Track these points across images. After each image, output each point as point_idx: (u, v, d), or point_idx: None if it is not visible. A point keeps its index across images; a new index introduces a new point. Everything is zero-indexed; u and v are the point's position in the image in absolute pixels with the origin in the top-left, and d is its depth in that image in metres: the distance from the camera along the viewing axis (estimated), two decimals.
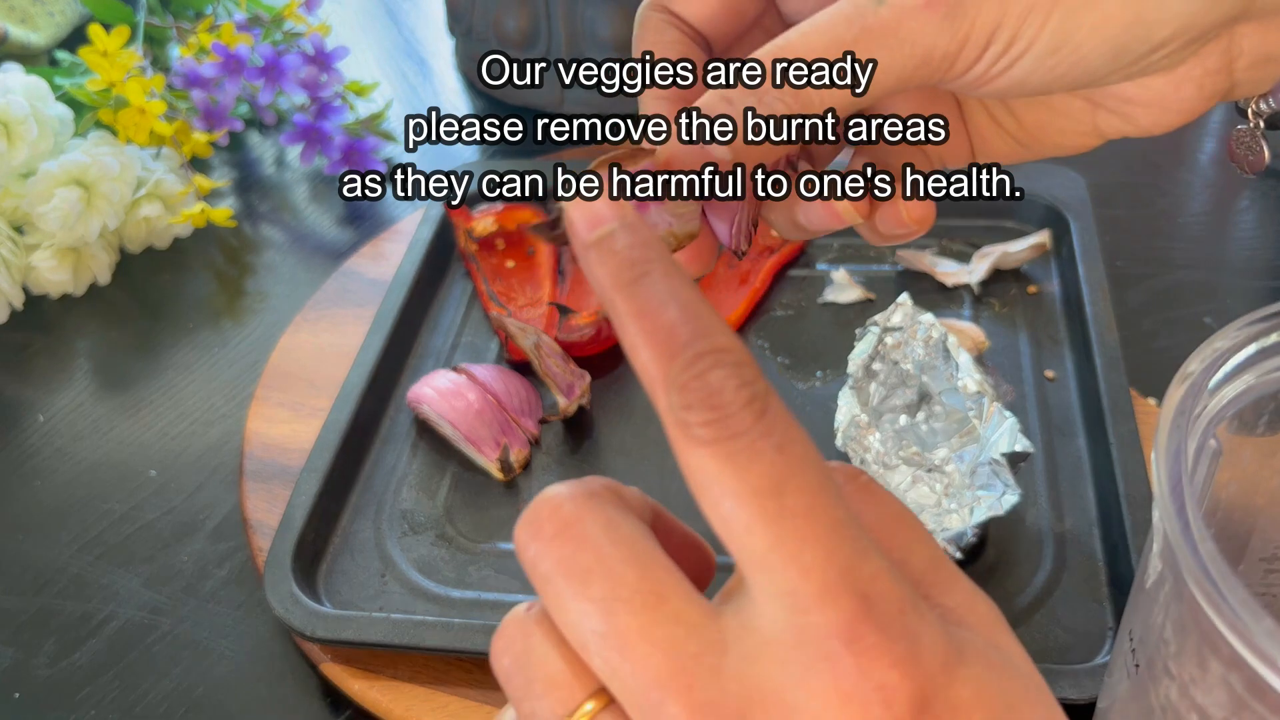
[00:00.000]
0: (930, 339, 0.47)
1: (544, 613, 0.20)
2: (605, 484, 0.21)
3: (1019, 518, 0.45)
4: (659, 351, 0.18)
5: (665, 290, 0.18)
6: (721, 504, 0.17)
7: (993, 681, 0.18)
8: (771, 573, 0.17)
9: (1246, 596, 0.21)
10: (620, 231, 0.19)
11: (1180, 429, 0.25)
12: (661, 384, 0.18)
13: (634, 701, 0.18)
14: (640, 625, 0.18)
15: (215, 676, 0.44)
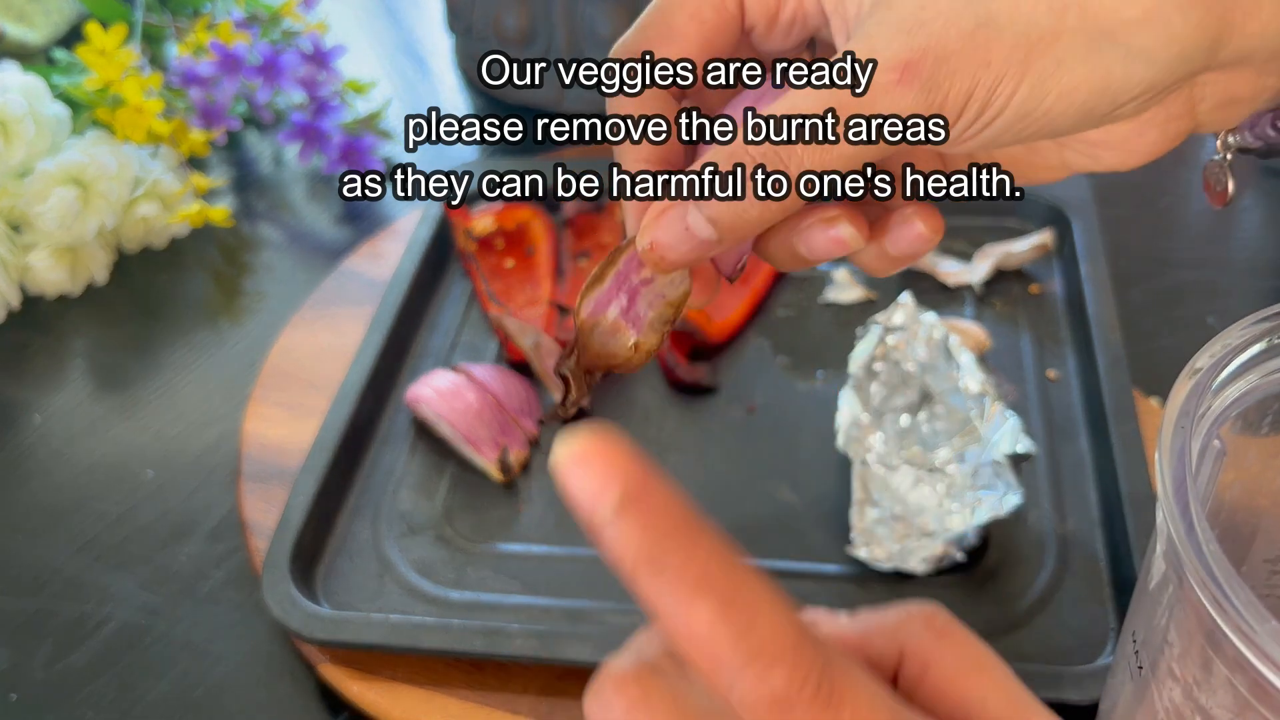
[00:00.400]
0: (932, 339, 0.47)
1: None
2: (664, 653, 0.20)
3: (1021, 519, 0.44)
4: (707, 666, 0.18)
5: (691, 584, 0.17)
6: None
7: None
8: None
9: (1250, 598, 0.21)
10: (622, 518, 0.17)
11: (1184, 429, 0.25)
12: (722, 687, 0.18)
13: None
14: None
15: (213, 678, 0.44)
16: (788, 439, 0.49)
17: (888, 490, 0.45)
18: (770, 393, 0.52)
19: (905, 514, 0.44)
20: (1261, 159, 0.27)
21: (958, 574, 0.43)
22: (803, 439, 0.49)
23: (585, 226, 0.60)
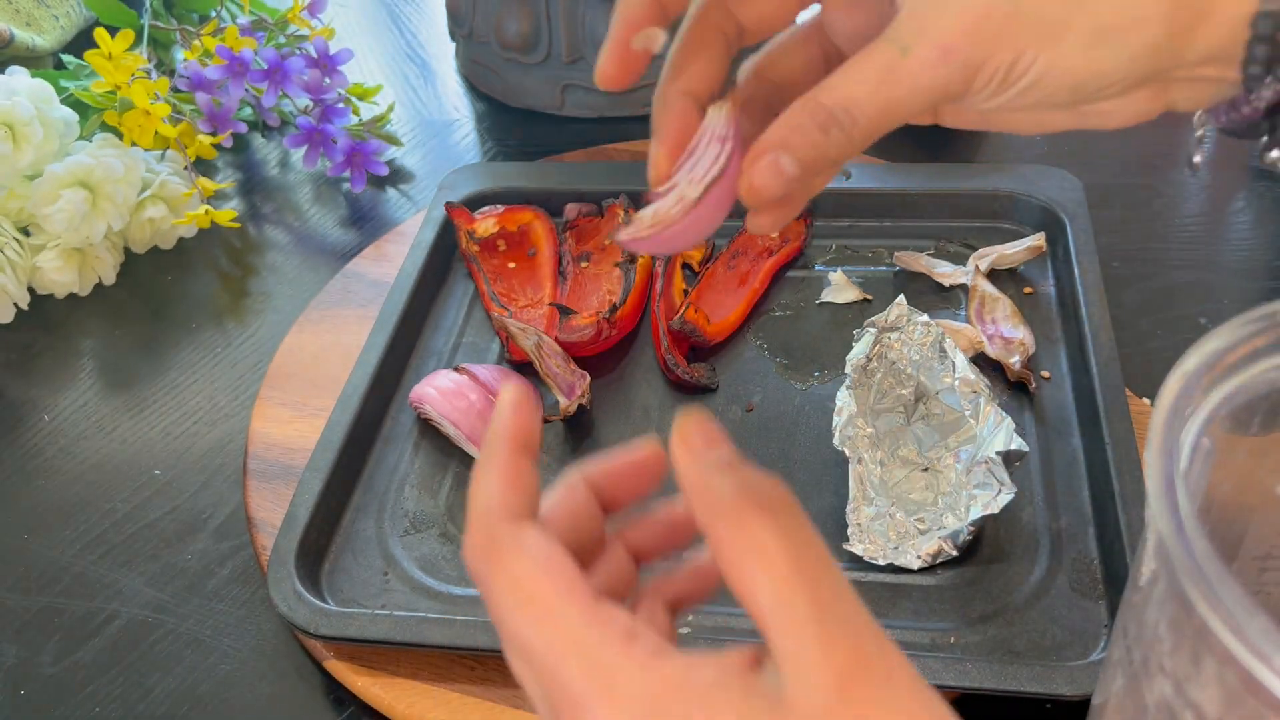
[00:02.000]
0: (927, 339, 0.48)
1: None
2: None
3: (1014, 516, 0.45)
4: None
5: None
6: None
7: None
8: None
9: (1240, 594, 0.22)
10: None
11: (1174, 428, 0.26)
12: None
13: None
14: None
15: (219, 674, 0.44)
16: (785, 437, 0.50)
17: (883, 488, 0.45)
18: (768, 392, 0.52)
19: (900, 511, 0.45)
20: (1239, 138, 0.32)
21: (952, 570, 0.43)
22: (800, 437, 0.49)
23: (587, 229, 0.61)
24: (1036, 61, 0.29)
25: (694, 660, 0.23)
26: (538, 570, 0.24)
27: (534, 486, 0.26)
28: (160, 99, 0.65)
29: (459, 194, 0.63)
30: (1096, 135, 0.68)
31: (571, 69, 0.72)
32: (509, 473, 0.25)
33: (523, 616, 0.24)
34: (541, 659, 0.24)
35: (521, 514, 0.25)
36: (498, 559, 0.24)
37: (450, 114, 0.77)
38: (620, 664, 0.23)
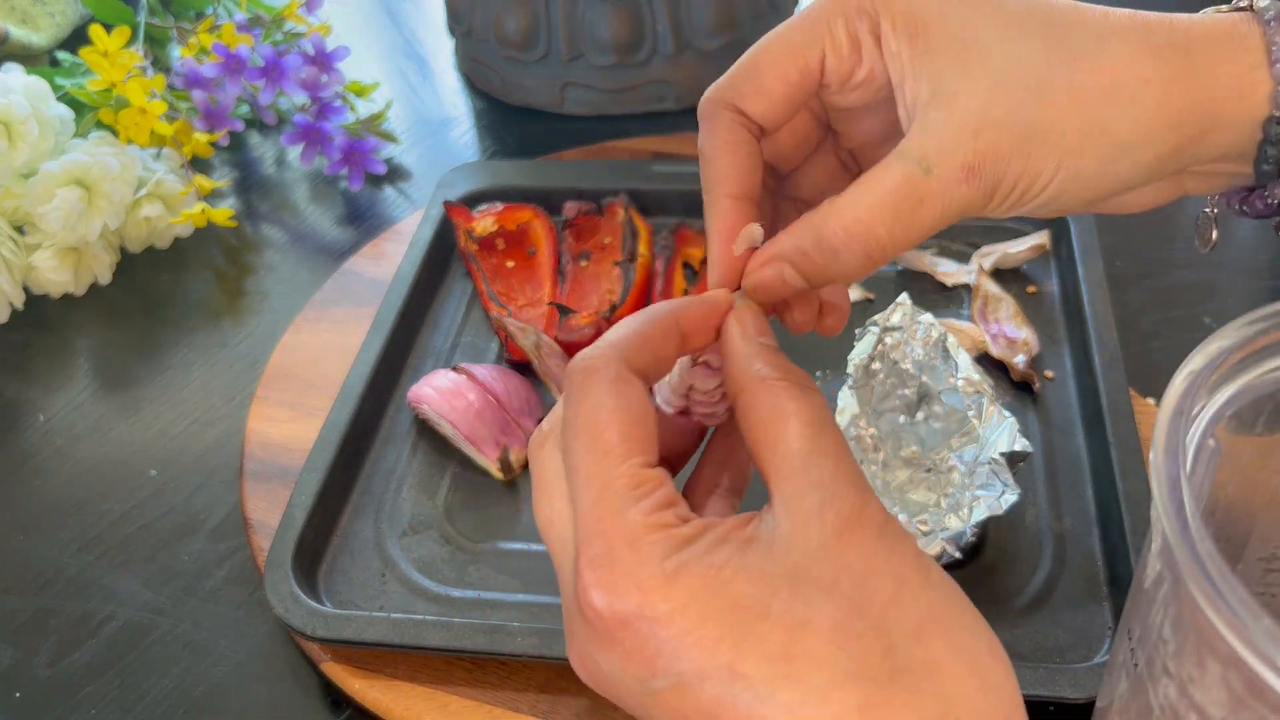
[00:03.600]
0: (930, 339, 0.47)
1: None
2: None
3: (1018, 517, 0.45)
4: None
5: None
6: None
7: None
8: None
9: (1245, 595, 0.22)
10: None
11: (1178, 428, 0.25)
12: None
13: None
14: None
15: (215, 676, 0.44)
16: None
17: (886, 489, 0.45)
18: None
19: (903, 512, 0.44)
20: (1254, 219, 0.33)
21: (955, 572, 0.43)
22: None
23: (586, 227, 0.60)
24: (1057, 176, 0.29)
25: (705, 524, 0.26)
26: (620, 418, 0.26)
27: (662, 363, 0.29)
28: (156, 96, 0.65)
29: (457, 192, 0.62)
30: None
31: (570, 67, 0.72)
32: (657, 336, 0.28)
33: (588, 451, 0.26)
34: (583, 492, 0.26)
35: (638, 368, 0.28)
36: (597, 389, 0.26)
37: (449, 112, 0.77)
38: (648, 525, 0.25)
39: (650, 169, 0.63)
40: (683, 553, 0.25)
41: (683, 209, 0.62)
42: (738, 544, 0.25)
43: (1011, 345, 0.51)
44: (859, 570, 0.24)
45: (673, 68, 0.72)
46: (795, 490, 0.26)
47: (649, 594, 0.24)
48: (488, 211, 0.60)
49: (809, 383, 0.28)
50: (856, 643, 0.24)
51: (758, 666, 0.23)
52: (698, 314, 0.30)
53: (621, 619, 0.24)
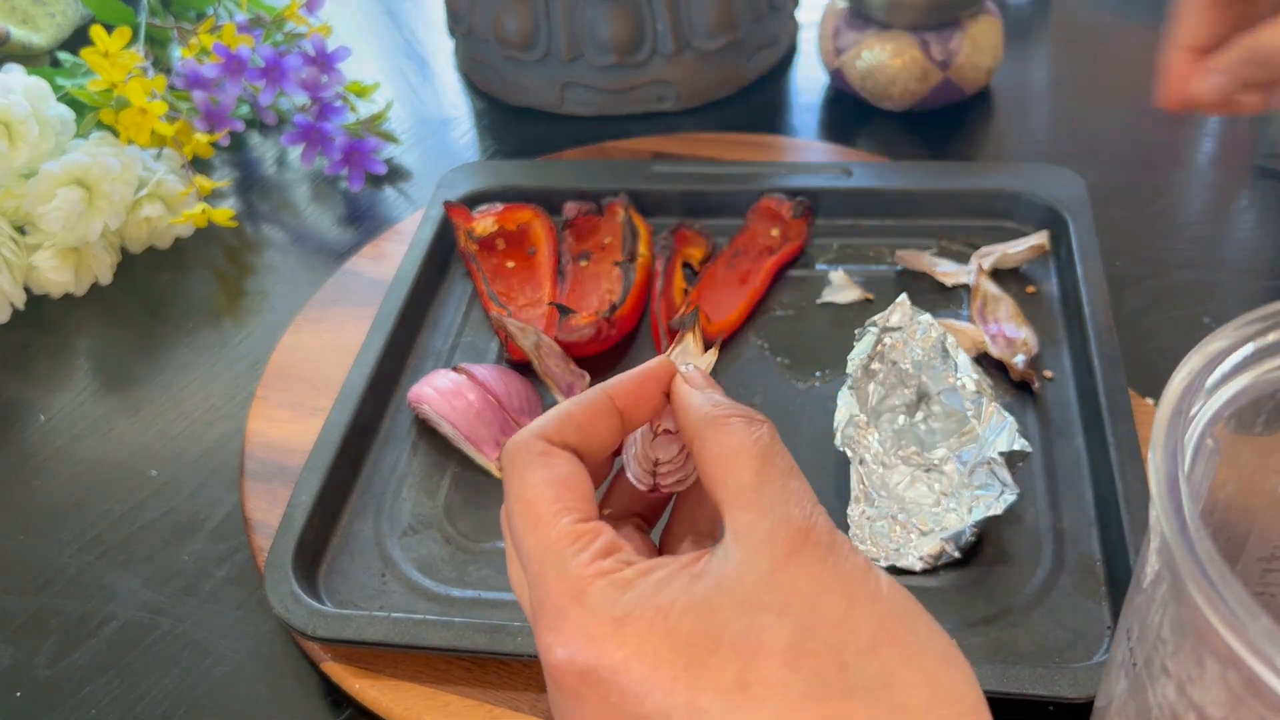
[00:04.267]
0: (929, 339, 0.48)
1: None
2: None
3: (1017, 517, 0.45)
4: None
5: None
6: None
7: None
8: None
9: (1243, 595, 0.22)
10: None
11: (1177, 428, 0.25)
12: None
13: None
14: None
15: (215, 676, 0.44)
16: (786, 437, 0.48)
17: (885, 488, 0.45)
18: (769, 392, 0.52)
19: (902, 512, 0.44)
20: None
21: (954, 571, 0.43)
22: (801, 438, 0.49)
23: (586, 228, 0.60)
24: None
25: (651, 565, 0.26)
26: (547, 485, 0.28)
27: (597, 436, 0.30)
28: (157, 97, 0.65)
29: (457, 192, 0.62)
30: (1099, 134, 0.68)
31: (570, 67, 0.72)
32: (584, 413, 0.30)
33: (522, 521, 0.27)
34: (528, 561, 0.27)
35: (563, 442, 0.29)
36: (523, 467, 0.28)
37: (449, 112, 0.77)
38: (589, 576, 0.26)
39: (650, 169, 0.63)
40: (628, 595, 0.25)
41: (683, 209, 0.62)
42: (686, 580, 0.25)
43: (1011, 345, 0.51)
44: (809, 591, 0.25)
45: (673, 68, 0.72)
46: (746, 520, 0.26)
47: (602, 643, 0.25)
48: (488, 212, 0.60)
49: (756, 415, 0.29)
50: (810, 663, 0.24)
51: (714, 699, 0.24)
52: (631, 385, 0.31)
53: (581, 672, 0.25)
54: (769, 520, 0.26)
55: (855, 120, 0.71)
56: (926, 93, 0.69)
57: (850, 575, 0.26)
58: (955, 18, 0.67)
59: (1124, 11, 0.80)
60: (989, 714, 0.25)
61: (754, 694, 0.24)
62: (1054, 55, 0.77)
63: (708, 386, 0.30)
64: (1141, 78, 0.73)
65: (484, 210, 0.60)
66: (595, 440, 0.30)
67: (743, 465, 0.27)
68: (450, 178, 0.64)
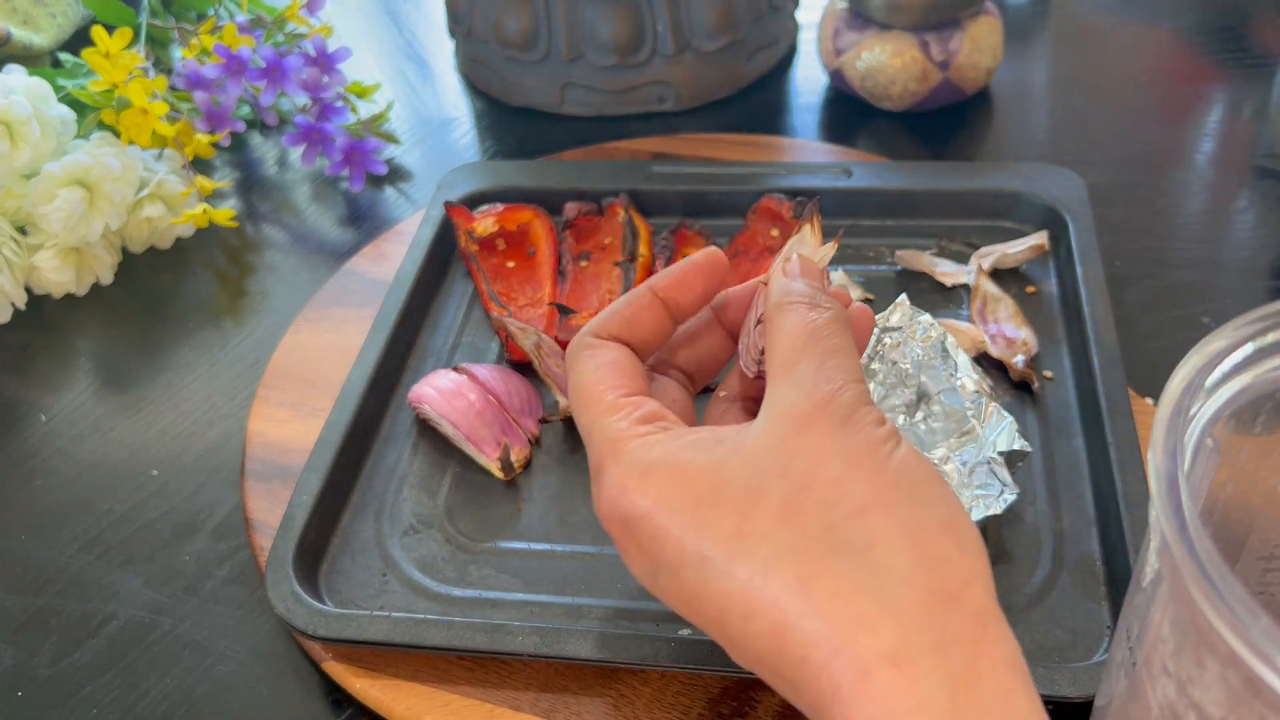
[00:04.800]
0: (929, 339, 0.48)
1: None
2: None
3: (1017, 516, 0.45)
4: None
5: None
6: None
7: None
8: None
9: (1243, 594, 0.22)
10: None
11: (1177, 428, 0.25)
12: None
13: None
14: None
15: (216, 676, 0.44)
16: None
17: None
18: None
19: None
20: None
21: None
22: None
23: (586, 228, 0.60)
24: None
25: (685, 430, 0.29)
26: (593, 370, 0.32)
27: (642, 327, 0.33)
28: (158, 97, 0.65)
29: (458, 193, 0.63)
30: (1099, 134, 0.68)
31: (571, 67, 0.72)
32: (629, 309, 0.33)
33: (576, 403, 0.31)
34: (585, 436, 0.31)
35: (610, 335, 0.33)
36: (575, 360, 0.32)
37: (449, 112, 0.77)
38: (625, 437, 0.29)
39: (650, 169, 0.63)
40: (654, 453, 0.28)
41: (683, 209, 0.62)
42: (710, 443, 0.28)
43: (1010, 345, 0.51)
44: (812, 455, 0.27)
45: (673, 68, 0.72)
46: (776, 393, 0.28)
47: (630, 494, 0.28)
48: (488, 212, 0.60)
49: (823, 301, 0.31)
50: (799, 519, 0.26)
51: (716, 547, 0.26)
52: (672, 276, 0.33)
53: (619, 520, 0.28)
54: (795, 393, 0.28)
55: (855, 120, 0.71)
56: (926, 93, 0.69)
57: (858, 444, 0.27)
58: (955, 18, 0.67)
59: (1124, 11, 0.80)
60: (987, 585, 0.26)
61: (748, 544, 0.26)
62: (1054, 55, 0.77)
63: (804, 276, 0.32)
64: (1141, 78, 0.73)
65: (484, 210, 0.60)
66: (642, 330, 0.33)
67: (788, 345, 0.29)
68: (451, 178, 0.64)
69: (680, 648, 0.40)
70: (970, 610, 0.25)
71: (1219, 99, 0.71)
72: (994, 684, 0.24)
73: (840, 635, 0.24)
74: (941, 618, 0.25)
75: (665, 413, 0.30)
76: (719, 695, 0.41)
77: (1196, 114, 0.69)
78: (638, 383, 0.31)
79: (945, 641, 0.24)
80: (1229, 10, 0.79)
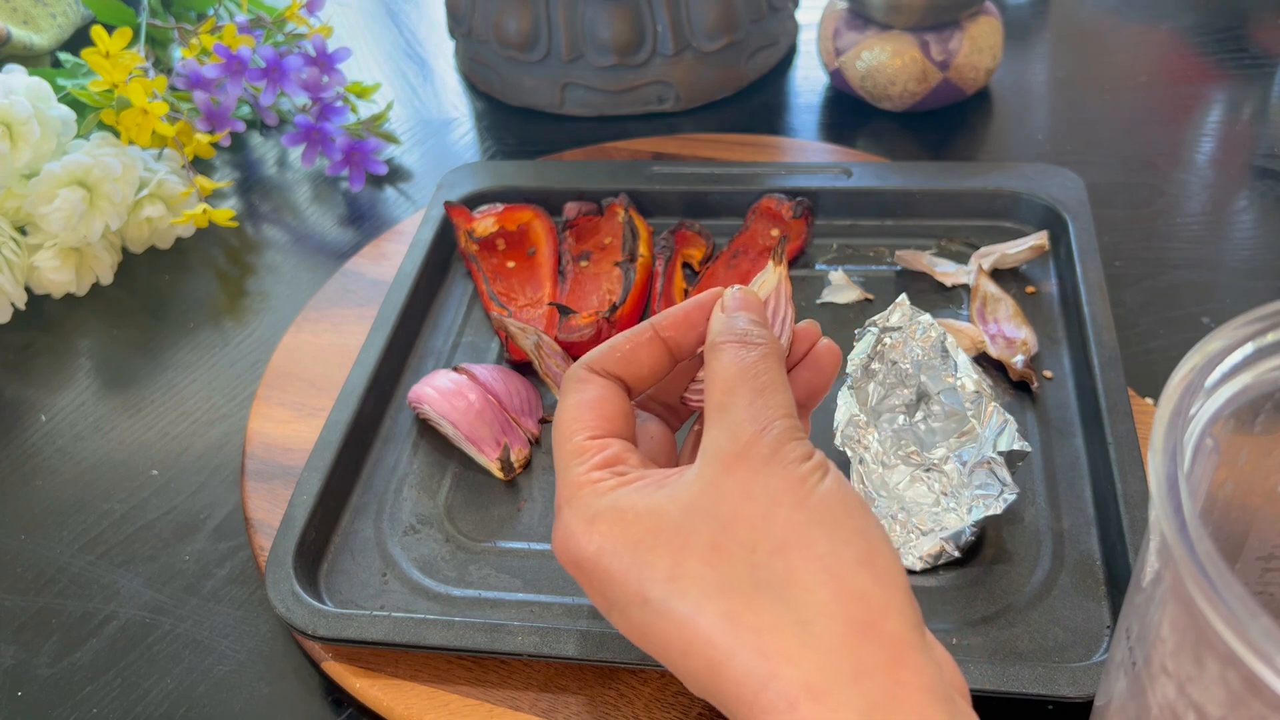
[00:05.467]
0: (929, 339, 0.48)
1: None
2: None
3: (1017, 516, 0.45)
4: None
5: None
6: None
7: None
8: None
9: (1243, 594, 0.22)
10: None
11: (1176, 428, 0.25)
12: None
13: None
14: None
15: (217, 675, 0.44)
16: None
17: (885, 488, 0.45)
18: None
19: (902, 511, 0.44)
20: None
21: (954, 571, 0.43)
22: None
23: (586, 228, 0.60)
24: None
25: (636, 476, 0.30)
26: (574, 407, 0.32)
27: (639, 364, 0.33)
28: (158, 97, 0.65)
29: (458, 193, 0.63)
30: (1099, 134, 0.68)
31: (571, 67, 0.72)
32: (629, 344, 0.33)
33: (554, 436, 0.32)
34: (555, 467, 0.32)
35: (605, 370, 0.33)
36: (564, 391, 0.33)
37: (449, 112, 0.77)
38: (580, 484, 0.30)
39: (650, 169, 0.63)
40: (602, 501, 0.29)
41: (683, 209, 0.62)
42: (652, 489, 0.29)
43: (1010, 345, 0.51)
44: (736, 496, 0.28)
45: (673, 68, 0.72)
46: (711, 435, 0.29)
47: (578, 539, 0.29)
48: (488, 212, 0.60)
49: (754, 339, 0.31)
50: (725, 559, 0.27)
51: (654, 588, 0.27)
52: (676, 315, 0.34)
53: (571, 561, 0.29)
54: (725, 436, 0.29)
55: (855, 120, 0.71)
56: (926, 93, 0.69)
57: (779, 483, 0.28)
58: (955, 18, 0.67)
59: (1124, 11, 0.80)
60: (904, 614, 0.27)
61: (680, 586, 0.27)
62: (1053, 55, 0.77)
63: (743, 310, 0.33)
64: (1141, 78, 0.73)
65: (484, 211, 0.60)
66: (639, 367, 0.33)
67: (721, 385, 0.30)
68: (451, 178, 0.64)
69: None
70: (888, 640, 0.26)
71: (1219, 99, 0.71)
72: (911, 711, 0.25)
73: (765, 669, 0.26)
74: (859, 648, 0.26)
75: (626, 456, 0.31)
76: None
77: (1196, 114, 0.69)
78: (615, 423, 0.32)
79: (863, 671, 0.25)
80: (1229, 10, 0.79)
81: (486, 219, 0.60)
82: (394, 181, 0.71)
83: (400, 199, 0.69)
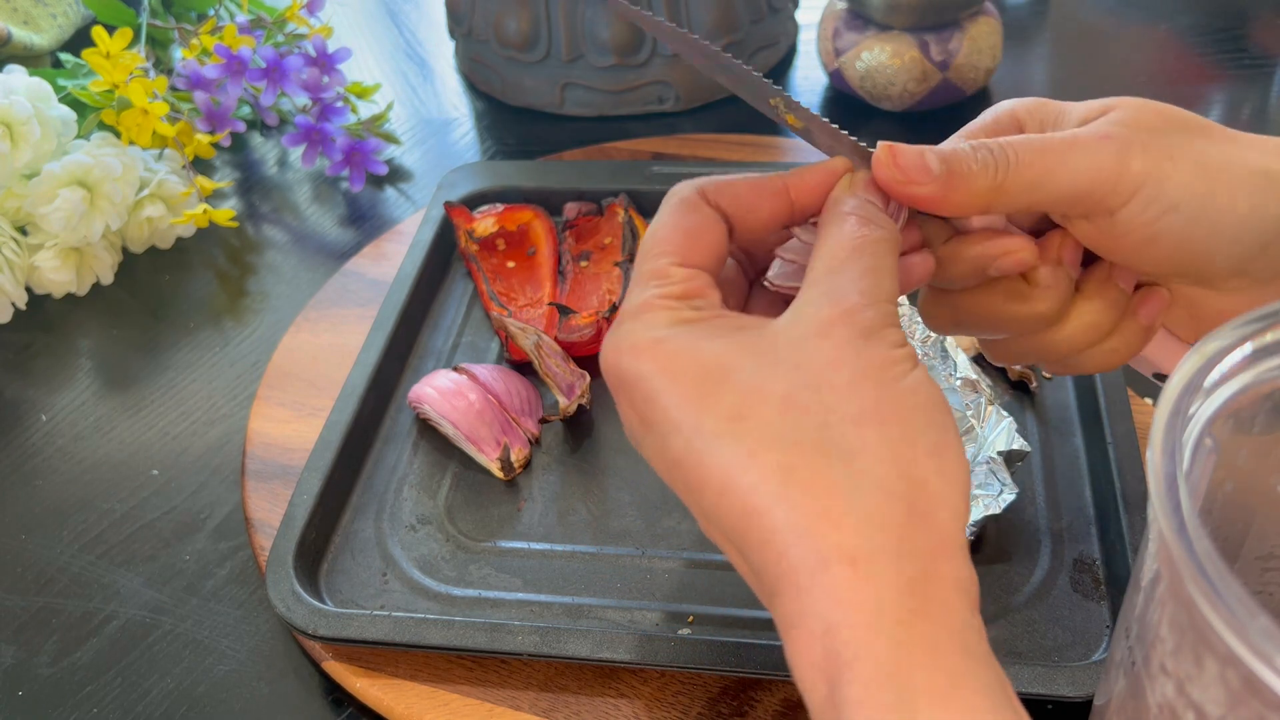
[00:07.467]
0: (928, 338, 0.48)
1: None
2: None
3: (1016, 516, 0.45)
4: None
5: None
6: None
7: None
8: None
9: (1242, 594, 0.22)
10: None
11: (1175, 428, 0.25)
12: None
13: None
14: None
15: (217, 675, 0.44)
16: None
17: None
18: None
19: None
20: None
21: None
22: None
23: (586, 228, 0.60)
24: (1190, 185, 0.31)
25: (715, 315, 0.29)
26: (668, 227, 0.31)
27: (755, 213, 0.32)
28: (158, 98, 0.65)
29: (458, 193, 0.63)
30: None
31: (571, 67, 0.72)
32: (753, 191, 0.32)
33: (642, 247, 0.31)
34: (633, 274, 0.31)
35: (718, 203, 0.32)
36: (667, 206, 0.31)
37: (449, 112, 0.77)
38: (654, 304, 0.29)
39: (650, 169, 0.63)
40: (676, 328, 0.28)
41: None
42: (731, 329, 0.29)
43: None
44: (825, 358, 0.27)
45: (673, 68, 0.72)
46: (810, 295, 0.29)
47: (639, 355, 0.28)
48: (488, 212, 0.60)
49: (880, 220, 0.31)
50: (797, 413, 0.27)
51: (713, 423, 0.27)
52: (809, 172, 0.33)
53: (616, 373, 0.29)
54: (825, 299, 0.28)
55: (855, 121, 0.71)
56: (926, 93, 0.69)
57: (871, 359, 0.27)
58: (954, 18, 0.67)
59: (1123, 12, 0.80)
60: (957, 513, 0.27)
61: (743, 425, 0.27)
62: (1053, 56, 0.77)
63: (864, 192, 0.32)
64: (1141, 78, 0.73)
65: (484, 211, 0.61)
66: (752, 211, 0.32)
67: (833, 252, 0.30)
68: (451, 178, 0.64)
69: (680, 647, 0.40)
70: (936, 530, 0.26)
71: (1219, 99, 0.71)
72: (943, 603, 0.25)
73: (805, 525, 0.25)
74: (908, 530, 0.26)
75: (708, 292, 0.30)
76: (718, 695, 0.41)
77: (1196, 114, 0.69)
78: (707, 259, 0.31)
79: (905, 552, 0.25)
80: (1229, 10, 0.79)
81: (486, 219, 0.60)
82: (394, 181, 0.71)
83: (400, 199, 0.69)
